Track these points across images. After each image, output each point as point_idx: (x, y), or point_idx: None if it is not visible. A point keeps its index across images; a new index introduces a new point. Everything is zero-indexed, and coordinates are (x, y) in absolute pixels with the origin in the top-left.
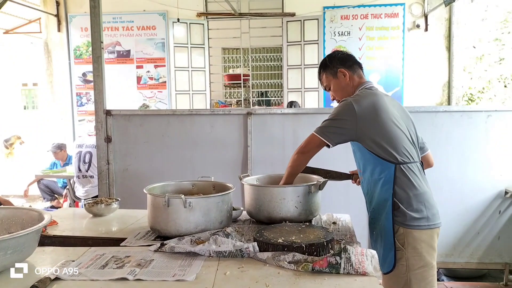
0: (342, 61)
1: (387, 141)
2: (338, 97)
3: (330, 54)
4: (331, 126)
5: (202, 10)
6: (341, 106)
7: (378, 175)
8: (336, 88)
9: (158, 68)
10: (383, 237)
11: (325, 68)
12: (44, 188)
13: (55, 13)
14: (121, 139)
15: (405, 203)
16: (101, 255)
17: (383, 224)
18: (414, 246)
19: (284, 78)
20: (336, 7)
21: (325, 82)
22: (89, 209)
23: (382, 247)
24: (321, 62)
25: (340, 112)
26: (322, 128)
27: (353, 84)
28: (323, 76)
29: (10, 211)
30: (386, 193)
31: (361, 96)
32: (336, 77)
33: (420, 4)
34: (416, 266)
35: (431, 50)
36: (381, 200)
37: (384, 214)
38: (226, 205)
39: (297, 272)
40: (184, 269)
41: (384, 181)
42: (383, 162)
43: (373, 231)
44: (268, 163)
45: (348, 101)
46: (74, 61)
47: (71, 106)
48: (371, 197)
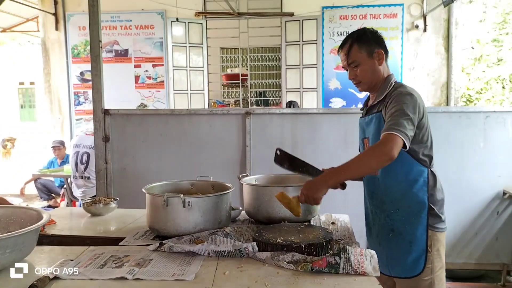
0: (381, 43)
1: (426, 143)
2: (364, 80)
3: (369, 29)
4: (406, 121)
5: (200, 9)
6: (408, 99)
7: (414, 177)
8: (367, 69)
9: (156, 67)
10: (413, 241)
11: (361, 42)
12: (41, 187)
13: (53, 12)
14: (119, 139)
15: (437, 206)
16: (100, 255)
17: (415, 227)
18: (438, 248)
19: (282, 78)
20: (335, 7)
21: (355, 57)
22: (87, 209)
23: (410, 250)
24: (356, 33)
25: (411, 106)
26: (398, 125)
27: (384, 72)
28: (353, 49)
29: (9, 210)
30: (422, 196)
31: (414, 90)
32: (371, 57)
33: (419, 4)
34: (438, 268)
35: (430, 50)
36: (414, 203)
37: (418, 217)
38: (225, 205)
39: (297, 272)
40: (183, 269)
41: (420, 183)
42: (418, 164)
43: (390, 233)
44: (267, 163)
45: (412, 95)
46: (72, 60)
47: (68, 105)
48: (396, 198)
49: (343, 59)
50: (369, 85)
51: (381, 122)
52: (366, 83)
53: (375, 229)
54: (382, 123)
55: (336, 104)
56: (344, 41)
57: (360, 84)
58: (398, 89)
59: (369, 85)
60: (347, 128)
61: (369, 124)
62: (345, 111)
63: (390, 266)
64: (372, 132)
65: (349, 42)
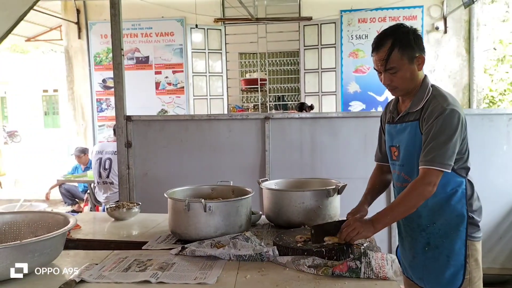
0: (422, 45)
1: (464, 154)
2: (401, 86)
3: (411, 29)
4: (450, 149)
5: (219, 15)
6: (451, 119)
7: (452, 189)
8: (407, 75)
9: (176, 73)
10: (451, 255)
11: (404, 47)
12: (65, 192)
13: (76, 21)
14: (141, 144)
15: (476, 215)
16: (124, 258)
17: (453, 241)
18: (476, 258)
19: (301, 82)
20: (354, 11)
21: (395, 63)
22: (111, 213)
23: (447, 265)
24: (397, 35)
25: (454, 128)
26: (441, 158)
27: (420, 77)
28: (394, 54)
29: (37, 215)
30: (461, 208)
31: (455, 100)
32: (412, 63)
33: (439, 6)
34: (476, 278)
35: (451, 52)
36: (453, 217)
37: (456, 230)
38: (246, 209)
39: (317, 276)
40: (205, 272)
41: (459, 195)
42: (456, 175)
43: (426, 247)
44: (286, 168)
45: (455, 111)
46: (94, 68)
47: (91, 112)
48: (433, 212)
49: (379, 63)
50: (406, 91)
51: (418, 133)
52: (403, 89)
53: (408, 241)
54: (418, 134)
55: (355, 108)
56: (380, 42)
57: (396, 90)
58: (437, 98)
59: (406, 91)
60: (367, 132)
61: (401, 133)
62: (365, 114)
63: (426, 280)
64: (405, 141)
65: (388, 45)
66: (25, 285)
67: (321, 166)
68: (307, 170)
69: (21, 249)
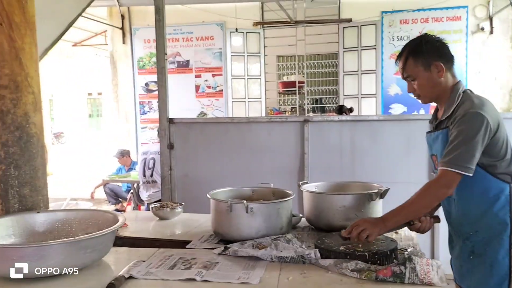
0: (440, 53)
1: (505, 157)
2: (423, 94)
3: (425, 38)
4: (468, 152)
5: (258, 19)
6: (473, 121)
7: (493, 195)
8: (425, 83)
9: (215, 77)
10: (494, 264)
11: (416, 55)
12: (109, 191)
13: (120, 26)
14: (183, 146)
15: None
16: (169, 256)
17: (496, 250)
18: None
19: (340, 85)
20: (395, 12)
21: (410, 72)
22: (155, 212)
23: (491, 274)
24: (412, 44)
25: (476, 130)
26: (458, 160)
27: (446, 83)
28: (409, 63)
29: (88, 213)
30: (504, 216)
31: (483, 104)
32: (428, 70)
33: (484, 6)
34: None
35: (497, 53)
36: (495, 224)
37: (499, 239)
38: (286, 211)
39: (360, 280)
40: (248, 273)
41: (501, 202)
42: (498, 181)
43: (470, 255)
44: (325, 171)
45: (480, 114)
46: (138, 72)
47: (134, 114)
48: (474, 220)
49: (400, 72)
50: (430, 98)
51: (447, 141)
52: (426, 96)
53: (456, 250)
54: (447, 141)
55: (396, 110)
56: (401, 52)
57: (420, 98)
58: (465, 103)
59: (430, 98)
60: (409, 136)
61: (436, 141)
62: (406, 117)
63: None
64: (440, 150)
65: (405, 55)
66: (78, 280)
67: (361, 170)
68: (346, 174)
69: (75, 245)
